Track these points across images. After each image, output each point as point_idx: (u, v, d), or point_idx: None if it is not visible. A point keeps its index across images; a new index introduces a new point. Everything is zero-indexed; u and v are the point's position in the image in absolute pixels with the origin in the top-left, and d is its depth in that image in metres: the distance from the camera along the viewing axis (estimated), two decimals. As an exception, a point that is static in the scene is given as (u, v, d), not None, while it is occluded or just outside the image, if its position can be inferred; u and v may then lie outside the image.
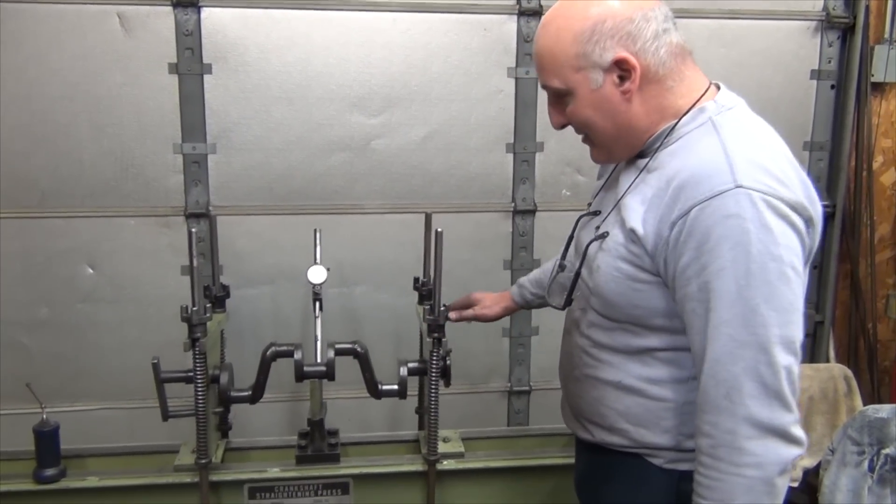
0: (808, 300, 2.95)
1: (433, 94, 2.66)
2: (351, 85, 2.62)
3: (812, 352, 3.09)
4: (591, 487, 1.55)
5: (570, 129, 1.44)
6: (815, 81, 2.87)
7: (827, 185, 2.97)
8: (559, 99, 1.38)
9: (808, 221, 1.24)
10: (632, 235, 1.29)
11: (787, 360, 1.18)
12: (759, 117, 1.36)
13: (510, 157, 2.75)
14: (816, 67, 2.86)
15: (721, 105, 1.31)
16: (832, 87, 2.89)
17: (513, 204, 2.78)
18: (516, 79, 2.68)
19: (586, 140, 1.43)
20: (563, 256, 1.59)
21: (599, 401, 1.44)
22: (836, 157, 2.93)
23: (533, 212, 2.78)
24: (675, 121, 1.32)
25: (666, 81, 1.31)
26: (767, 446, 1.18)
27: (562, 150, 2.74)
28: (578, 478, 1.62)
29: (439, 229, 1.92)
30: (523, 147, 2.73)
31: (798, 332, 1.20)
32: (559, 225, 1.68)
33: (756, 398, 1.18)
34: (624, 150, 1.38)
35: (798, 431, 1.21)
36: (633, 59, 1.27)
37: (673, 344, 1.32)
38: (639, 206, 1.30)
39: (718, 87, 1.37)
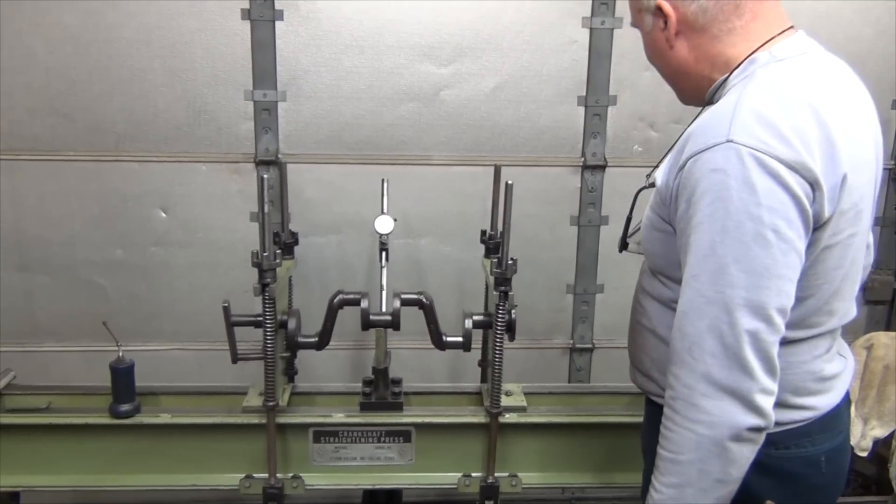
0: (883, 266, 2.89)
1: (504, 43, 2.61)
2: (422, 33, 2.58)
3: (889, 320, 2.99)
4: (644, 436, 1.57)
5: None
6: (908, 36, 2.72)
7: (915, 146, 2.83)
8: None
9: (814, 184, 1.16)
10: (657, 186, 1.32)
11: (753, 325, 1.14)
12: (829, 65, 1.30)
13: (581, 110, 2.69)
14: (910, 21, 2.71)
15: (773, 56, 1.27)
16: (926, 42, 2.74)
17: (582, 158, 2.73)
18: (591, 29, 2.60)
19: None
20: None
21: (641, 347, 1.47)
22: (926, 117, 2.79)
23: (603, 167, 2.73)
24: (728, 73, 1.31)
25: (710, 30, 1.30)
26: (722, 407, 1.16)
27: (635, 103, 2.67)
28: (642, 429, 1.63)
29: (509, 181, 1.89)
30: (595, 100, 2.67)
31: (772, 299, 1.14)
32: (629, 181, 1.64)
33: (716, 357, 1.15)
34: (686, 93, 1.42)
35: (762, 402, 1.16)
36: (667, 6, 1.29)
37: None
38: (667, 158, 1.32)
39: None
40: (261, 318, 1.98)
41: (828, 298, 1.29)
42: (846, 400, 1.42)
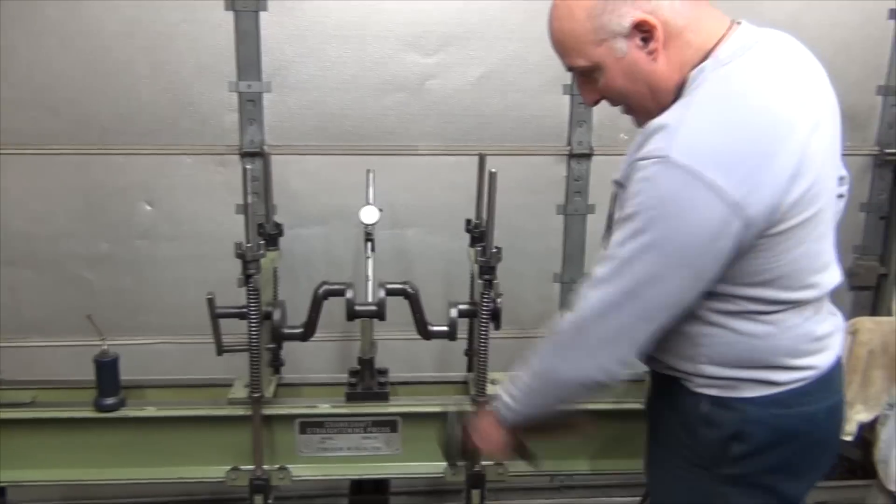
0: (868, 251, 2.89)
1: (490, 32, 2.60)
2: (406, 23, 2.57)
3: (874, 305, 3.00)
4: (649, 406, 1.61)
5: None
6: (893, 21, 2.72)
7: (900, 132, 2.84)
8: (588, 76, 1.37)
9: (740, 207, 1.18)
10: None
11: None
12: (775, 53, 1.32)
13: (567, 98, 2.68)
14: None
15: (719, 61, 1.28)
16: (911, 27, 2.74)
17: (569, 147, 2.73)
18: (576, 17, 2.59)
19: (626, 110, 1.43)
20: None
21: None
22: (913, 102, 2.79)
23: (589, 155, 2.73)
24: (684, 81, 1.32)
25: (684, 34, 1.29)
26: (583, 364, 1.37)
27: (621, 92, 2.66)
28: (646, 399, 1.67)
29: (493, 170, 1.89)
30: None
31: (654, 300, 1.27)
32: (616, 169, 1.64)
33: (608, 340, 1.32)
34: (654, 114, 1.37)
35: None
36: (651, 19, 1.26)
37: None
38: (627, 155, 1.33)
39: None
40: (245, 310, 1.98)
41: (798, 276, 1.32)
42: (839, 359, 1.46)
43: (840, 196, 1.54)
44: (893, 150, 2.83)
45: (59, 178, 2.60)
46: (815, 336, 1.38)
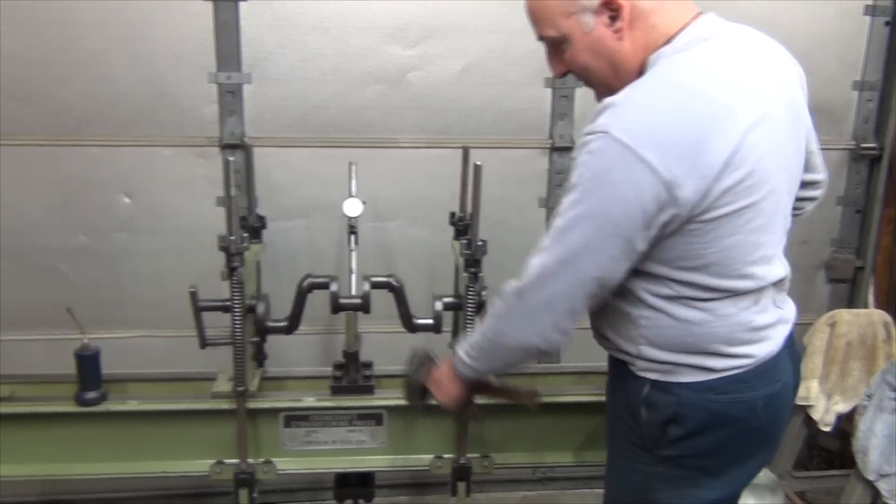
0: (845, 244, 2.94)
1: (471, 24, 2.60)
2: (387, 14, 2.56)
3: (851, 297, 3.05)
4: (608, 389, 1.65)
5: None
6: (868, 17, 2.76)
7: (875, 126, 2.88)
8: (556, 48, 1.42)
9: (671, 186, 1.23)
10: None
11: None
12: (732, 45, 1.34)
13: (549, 91, 2.69)
14: (871, 3, 2.75)
15: (675, 48, 1.32)
16: (886, 23, 2.78)
17: (550, 140, 2.73)
18: (558, 10, 2.60)
19: (588, 84, 1.47)
20: None
21: (592, 310, 1.53)
22: (887, 97, 2.83)
23: (571, 149, 2.73)
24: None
25: (650, 17, 1.33)
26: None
27: (602, 85, 2.67)
28: (607, 383, 1.70)
29: (478, 162, 1.89)
30: (563, 81, 2.65)
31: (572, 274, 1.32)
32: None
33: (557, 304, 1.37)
34: (616, 91, 1.41)
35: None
36: None
37: None
38: None
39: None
40: (229, 303, 1.96)
41: (732, 265, 1.34)
42: (786, 349, 1.48)
43: (808, 199, 1.62)
44: (869, 145, 2.87)
45: (33, 171, 2.55)
46: (752, 326, 1.40)
